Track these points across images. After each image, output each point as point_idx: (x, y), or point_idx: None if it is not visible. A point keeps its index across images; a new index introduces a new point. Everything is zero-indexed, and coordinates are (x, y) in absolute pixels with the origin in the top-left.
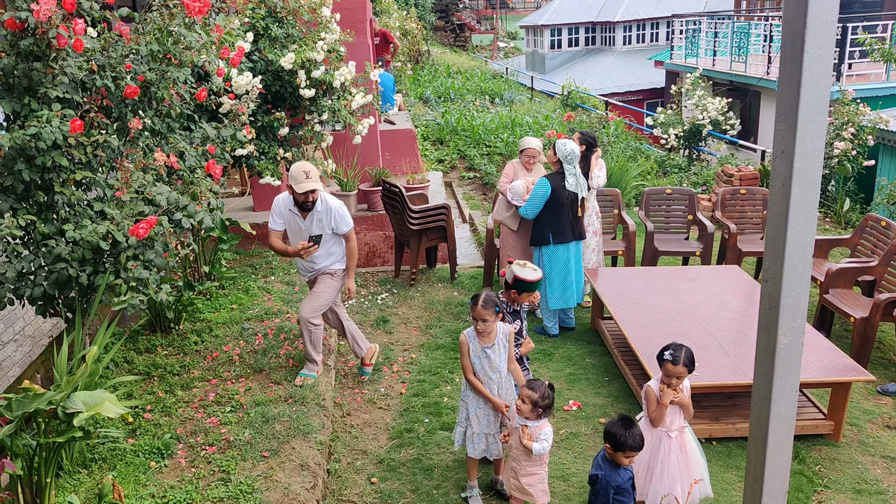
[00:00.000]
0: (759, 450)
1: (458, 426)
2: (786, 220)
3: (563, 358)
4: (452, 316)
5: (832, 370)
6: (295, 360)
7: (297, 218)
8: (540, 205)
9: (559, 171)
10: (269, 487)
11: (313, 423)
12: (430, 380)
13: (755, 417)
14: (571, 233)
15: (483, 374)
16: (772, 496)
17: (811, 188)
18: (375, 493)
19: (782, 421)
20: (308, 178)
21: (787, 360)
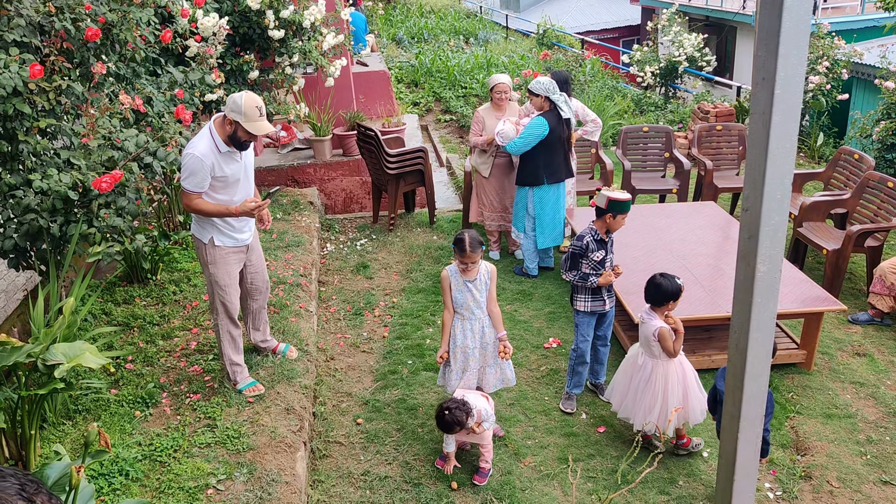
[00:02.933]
0: (737, 376)
1: (442, 366)
2: (766, 149)
3: (542, 297)
4: (432, 260)
5: (805, 301)
6: (276, 306)
7: (234, 157)
8: (533, 143)
9: (551, 107)
10: (256, 432)
11: (297, 368)
12: (412, 322)
13: (734, 345)
14: (563, 171)
15: (466, 310)
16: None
17: (791, 115)
18: (361, 433)
19: (760, 347)
20: (262, 116)
21: (765, 287)
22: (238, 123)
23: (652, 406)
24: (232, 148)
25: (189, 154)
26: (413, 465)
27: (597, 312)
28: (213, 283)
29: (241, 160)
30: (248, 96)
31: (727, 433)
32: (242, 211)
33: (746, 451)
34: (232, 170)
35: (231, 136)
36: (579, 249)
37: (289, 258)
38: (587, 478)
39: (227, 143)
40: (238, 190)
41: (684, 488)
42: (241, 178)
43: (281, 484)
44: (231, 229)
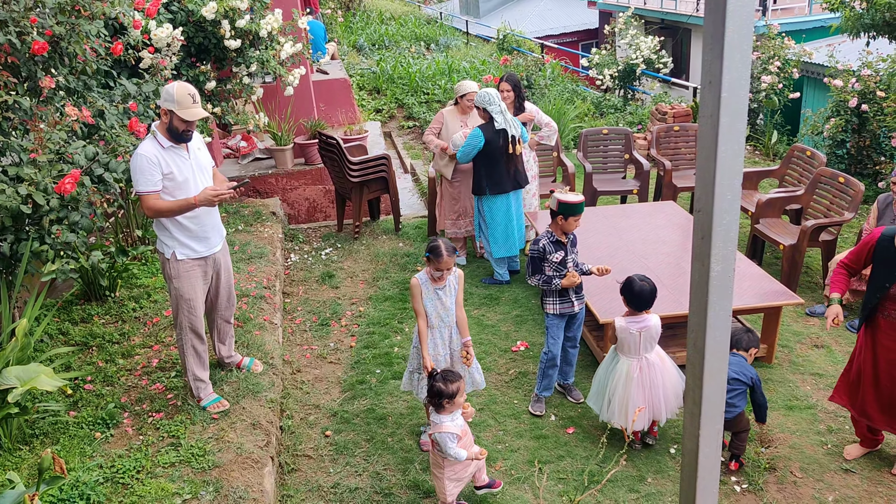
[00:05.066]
0: (696, 374)
1: (408, 371)
2: (715, 150)
3: (509, 301)
4: (399, 267)
5: (764, 295)
6: (239, 319)
7: (181, 155)
8: (472, 152)
9: (488, 119)
10: (222, 448)
11: (262, 382)
12: (379, 331)
13: (692, 344)
14: (508, 182)
15: (436, 318)
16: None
17: (738, 117)
18: (330, 445)
19: (717, 345)
20: (196, 103)
21: (720, 286)
22: (173, 112)
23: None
24: (174, 143)
25: (134, 155)
26: (383, 475)
27: (566, 314)
28: (177, 297)
29: (188, 158)
30: (179, 84)
31: (688, 431)
32: (203, 199)
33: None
34: (179, 167)
35: (169, 129)
36: (537, 253)
37: (252, 270)
38: (557, 479)
39: (169, 137)
40: (194, 191)
41: (653, 485)
42: (194, 178)
43: (248, 501)
44: (190, 236)
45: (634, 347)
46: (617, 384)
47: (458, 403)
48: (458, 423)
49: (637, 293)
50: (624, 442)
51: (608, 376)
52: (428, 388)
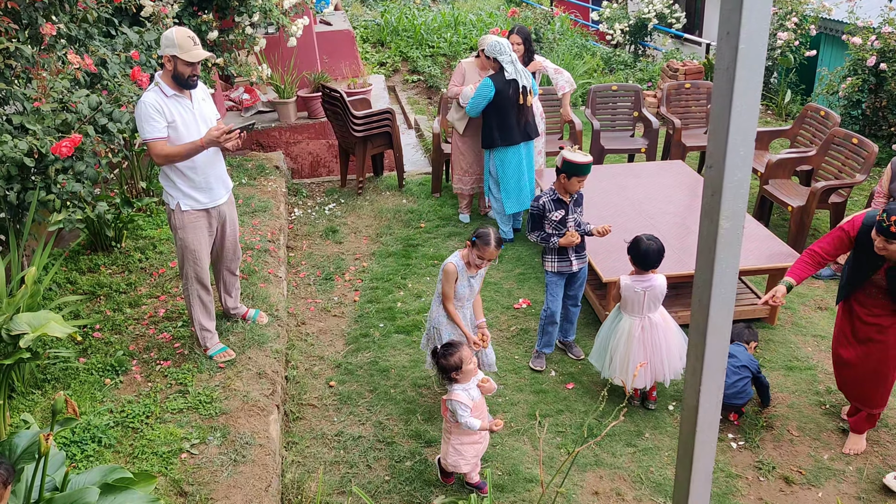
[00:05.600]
0: (700, 330)
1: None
2: (729, 104)
3: (512, 259)
4: (402, 223)
5: (770, 257)
6: (244, 272)
7: (184, 104)
8: (482, 103)
9: (498, 69)
10: (228, 396)
11: (268, 333)
12: (382, 286)
13: (697, 301)
14: (519, 134)
15: (459, 301)
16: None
17: (755, 70)
18: (334, 395)
19: (722, 303)
20: (197, 45)
21: (728, 243)
22: (176, 57)
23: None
24: (178, 91)
25: (138, 104)
26: (386, 424)
27: (564, 273)
28: (182, 248)
29: (192, 108)
30: (177, 28)
31: (689, 386)
32: (208, 141)
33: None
34: (183, 117)
35: (174, 76)
36: (537, 210)
37: (256, 224)
38: (556, 432)
39: (173, 85)
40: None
41: (650, 440)
42: (198, 128)
43: (255, 446)
44: (194, 187)
45: (638, 306)
46: (619, 342)
47: (469, 371)
48: (472, 395)
49: (644, 252)
50: (623, 398)
51: (611, 334)
52: (433, 352)
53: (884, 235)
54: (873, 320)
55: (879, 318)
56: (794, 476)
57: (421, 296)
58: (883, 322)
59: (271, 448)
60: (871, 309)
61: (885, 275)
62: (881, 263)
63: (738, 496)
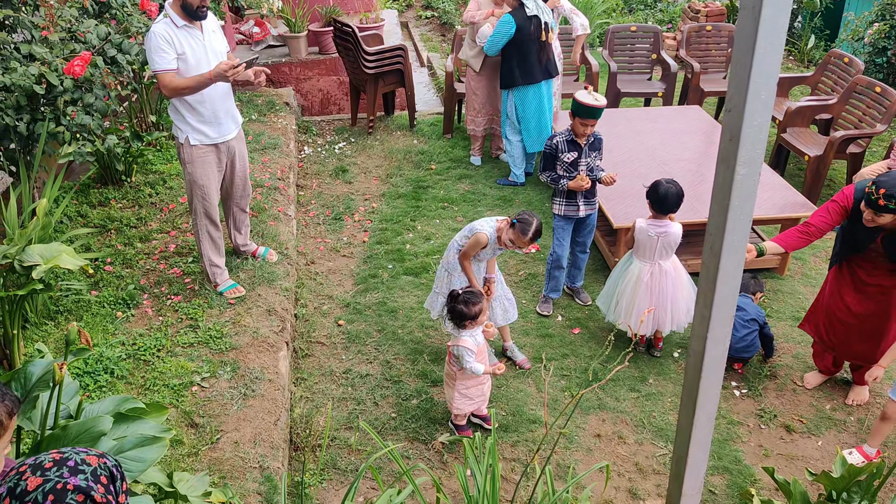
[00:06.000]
0: (710, 277)
1: (437, 295)
2: (753, 45)
3: (523, 203)
4: (413, 165)
5: (783, 206)
6: (254, 209)
7: (194, 36)
8: (502, 41)
9: (518, 5)
10: (238, 332)
11: (277, 271)
12: (392, 228)
13: (708, 247)
14: (540, 72)
15: (477, 261)
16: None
17: (782, 10)
18: (342, 334)
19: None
20: None
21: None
22: None
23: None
24: (189, 22)
25: (148, 35)
26: (393, 363)
27: (571, 217)
28: (191, 182)
29: (202, 39)
30: None
31: (696, 333)
32: (217, 74)
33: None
34: (193, 48)
35: (183, 6)
36: (550, 149)
37: (266, 161)
38: (560, 375)
39: (182, 16)
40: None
41: (654, 386)
42: (208, 60)
43: (264, 381)
44: (202, 121)
45: (650, 252)
46: (626, 286)
47: (480, 322)
48: (478, 341)
49: (662, 195)
50: (629, 344)
51: (620, 278)
52: (449, 308)
53: (872, 208)
54: (874, 281)
55: (881, 279)
56: (794, 424)
57: (430, 238)
58: (884, 282)
59: (280, 383)
60: (870, 271)
61: (882, 243)
62: (878, 233)
63: (738, 442)
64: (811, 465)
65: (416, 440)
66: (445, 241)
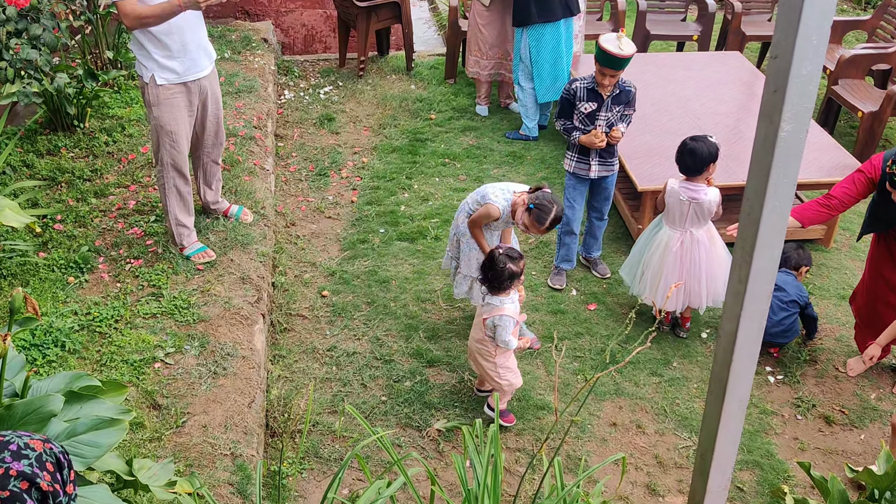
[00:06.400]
0: (746, 248)
1: (451, 259)
2: None
3: (535, 160)
4: (409, 114)
5: (832, 169)
6: (226, 162)
7: None
8: None
9: None
10: (208, 302)
11: (253, 234)
12: (384, 186)
13: (746, 213)
14: (559, 8)
15: (488, 231)
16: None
17: None
18: (327, 306)
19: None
20: None
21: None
22: None
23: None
24: None
25: None
26: (384, 340)
27: (580, 177)
28: (157, 128)
29: None
30: None
31: (729, 310)
32: (187, 1)
33: (749, 330)
34: None
35: None
36: (568, 94)
37: (240, 106)
38: (573, 357)
39: None
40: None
41: (678, 370)
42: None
43: (237, 358)
44: (170, 56)
45: (680, 218)
46: (653, 255)
47: (518, 283)
48: (517, 308)
49: (688, 152)
50: (652, 322)
51: (647, 245)
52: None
53: (895, 188)
54: None
55: None
56: (835, 416)
57: (428, 199)
58: None
59: (255, 361)
60: None
61: None
62: None
63: (771, 434)
64: (852, 461)
65: (408, 426)
66: (446, 202)
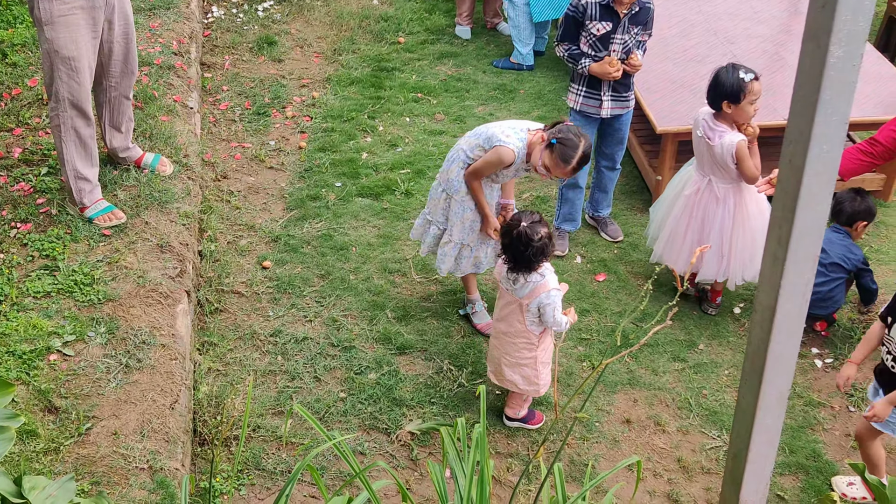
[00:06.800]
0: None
1: (429, 225)
2: None
3: (530, 95)
4: (372, 35)
5: (892, 106)
6: (138, 98)
7: None
8: None
9: None
10: (117, 277)
11: (173, 189)
12: (341, 128)
13: (787, 160)
14: None
15: (488, 185)
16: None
17: None
18: (269, 280)
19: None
20: None
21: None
22: None
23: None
24: None
25: None
26: (342, 323)
27: (591, 117)
28: (51, 54)
29: None
30: None
31: (765, 280)
32: None
33: (791, 304)
34: None
35: None
36: (574, 11)
37: (154, 27)
38: (578, 339)
39: None
40: None
41: (705, 353)
42: None
43: (155, 347)
44: None
45: (699, 157)
46: (675, 202)
47: None
48: (555, 276)
49: (714, 81)
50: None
51: (677, 189)
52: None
53: None
54: None
55: None
56: None
57: (397, 144)
58: None
59: (179, 350)
60: None
61: None
62: None
63: (818, 430)
64: None
65: (373, 429)
66: (418, 148)
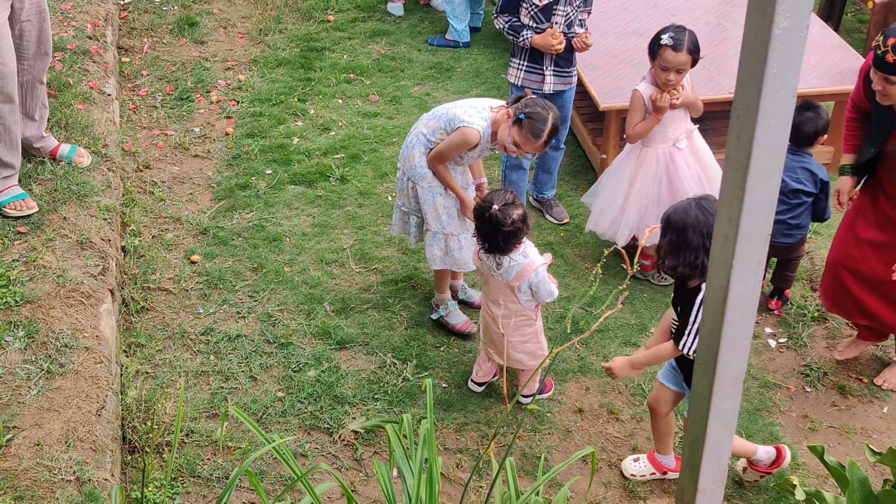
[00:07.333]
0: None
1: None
2: None
3: (467, 74)
4: (299, 14)
5: (837, 76)
6: (51, 85)
7: None
8: None
9: None
10: (34, 276)
11: (92, 182)
12: (270, 112)
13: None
14: None
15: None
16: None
17: None
18: (198, 275)
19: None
20: None
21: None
22: None
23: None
24: None
25: None
26: (278, 318)
27: (534, 92)
28: None
29: None
30: None
31: (716, 260)
32: None
33: (743, 284)
34: None
35: None
36: None
37: (67, 9)
38: None
39: None
40: None
41: None
42: None
43: (78, 350)
44: None
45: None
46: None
47: None
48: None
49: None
50: (623, 278)
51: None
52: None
53: (881, 70)
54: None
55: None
56: (851, 385)
57: (329, 128)
58: None
59: (104, 353)
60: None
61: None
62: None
63: (775, 412)
64: (874, 442)
65: (314, 429)
66: (353, 131)
